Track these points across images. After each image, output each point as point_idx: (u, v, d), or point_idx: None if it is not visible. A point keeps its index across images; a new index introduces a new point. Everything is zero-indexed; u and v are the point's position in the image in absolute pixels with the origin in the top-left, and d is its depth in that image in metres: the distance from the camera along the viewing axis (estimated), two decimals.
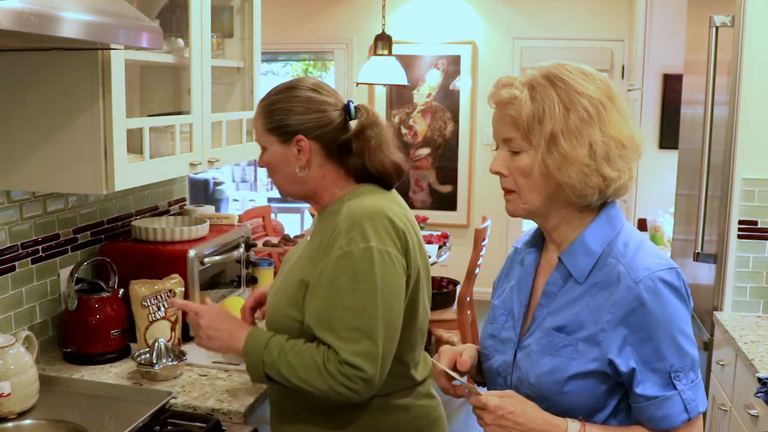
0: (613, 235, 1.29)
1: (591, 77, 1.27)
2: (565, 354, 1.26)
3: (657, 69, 5.00)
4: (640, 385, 1.22)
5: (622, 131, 1.25)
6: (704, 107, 2.65)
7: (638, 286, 1.21)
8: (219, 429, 1.72)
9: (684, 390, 1.21)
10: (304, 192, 1.65)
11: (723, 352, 2.53)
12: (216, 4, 2.32)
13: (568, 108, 1.23)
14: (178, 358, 1.99)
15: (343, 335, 1.48)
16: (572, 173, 1.23)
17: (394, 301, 1.52)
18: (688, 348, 1.23)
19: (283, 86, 1.64)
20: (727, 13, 2.57)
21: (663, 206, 4.57)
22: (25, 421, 1.72)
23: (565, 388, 1.26)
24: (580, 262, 1.28)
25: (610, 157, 1.24)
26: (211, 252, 2.32)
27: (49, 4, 1.29)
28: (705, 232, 2.69)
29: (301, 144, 1.59)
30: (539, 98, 1.25)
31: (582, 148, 1.23)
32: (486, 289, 6.15)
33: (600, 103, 1.24)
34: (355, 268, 1.48)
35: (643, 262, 1.24)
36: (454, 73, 6.09)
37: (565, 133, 1.23)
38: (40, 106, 1.80)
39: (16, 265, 2.01)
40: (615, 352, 1.22)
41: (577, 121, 1.23)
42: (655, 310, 1.20)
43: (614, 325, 1.22)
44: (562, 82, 1.25)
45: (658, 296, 1.21)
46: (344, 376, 1.47)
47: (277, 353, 1.52)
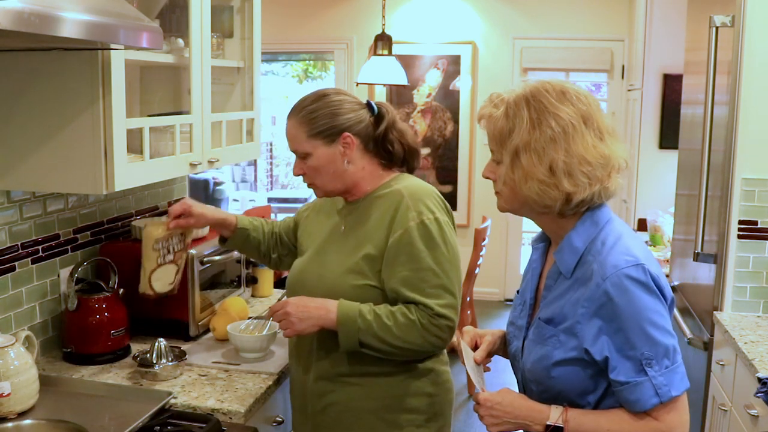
0: (596, 233, 1.39)
1: (568, 98, 1.36)
2: (550, 344, 1.40)
3: (657, 69, 5.00)
4: (614, 371, 1.32)
5: (588, 150, 1.34)
6: (704, 107, 2.65)
7: (605, 283, 1.32)
8: (219, 429, 1.72)
9: (655, 376, 1.30)
10: (345, 186, 1.83)
11: (723, 352, 2.53)
12: (216, 4, 2.32)
13: (534, 126, 1.34)
14: (178, 358, 1.99)
15: (429, 293, 1.72)
16: (532, 186, 1.35)
17: (458, 261, 1.79)
18: (660, 337, 1.31)
19: (313, 96, 1.83)
20: (727, 13, 2.57)
21: (663, 206, 4.57)
22: (25, 421, 1.71)
23: (552, 373, 1.39)
24: (566, 259, 1.40)
25: (571, 173, 1.33)
26: (211, 252, 2.32)
27: (49, 4, 1.29)
28: (705, 232, 2.69)
29: (347, 140, 1.79)
30: (511, 115, 1.37)
31: (541, 165, 1.34)
32: (486, 288, 6.19)
33: (570, 123, 1.33)
34: (429, 235, 1.73)
35: (612, 259, 1.33)
36: (454, 73, 6.09)
37: (527, 150, 1.35)
38: (40, 106, 1.80)
39: (16, 265, 2.01)
40: (589, 342, 1.34)
41: (541, 141, 1.34)
42: (622, 305, 1.31)
43: (588, 318, 1.34)
44: (537, 102, 1.35)
45: (624, 292, 1.31)
46: (437, 327, 1.71)
47: (372, 318, 1.71)
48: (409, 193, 1.78)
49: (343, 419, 1.81)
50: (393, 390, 1.80)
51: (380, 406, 1.80)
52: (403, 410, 1.81)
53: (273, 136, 13.63)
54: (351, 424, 1.81)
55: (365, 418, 1.80)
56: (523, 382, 1.50)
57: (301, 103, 1.83)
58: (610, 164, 1.36)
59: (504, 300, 6.21)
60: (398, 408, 1.81)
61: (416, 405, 1.82)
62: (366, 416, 1.80)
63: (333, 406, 1.82)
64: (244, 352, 2.11)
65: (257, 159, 5.19)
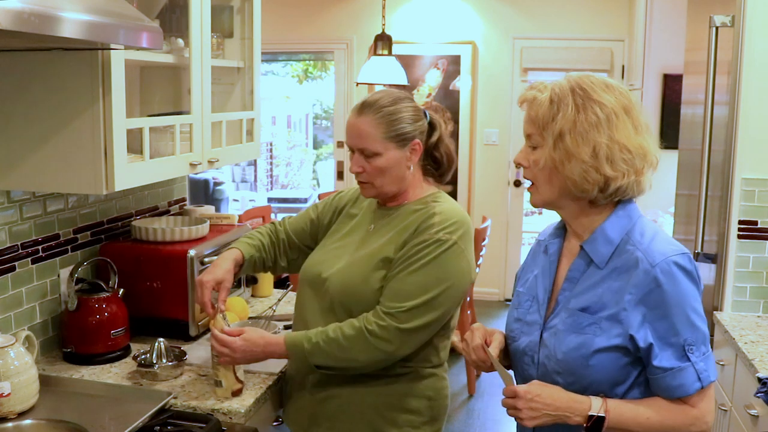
0: (630, 225, 1.43)
1: (611, 90, 1.41)
2: (589, 331, 1.41)
3: (657, 69, 5.00)
4: (657, 358, 1.36)
5: (630, 139, 1.38)
6: (704, 107, 2.65)
7: (655, 269, 1.35)
8: (219, 429, 1.73)
9: (697, 361, 1.36)
10: (399, 190, 1.87)
11: (723, 352, 2.53)
12: (216, 4, 2.32)
13: (579, 111, 1.38)
14: (178, 358, 1.99)
15: (392, 296, 1.74)
16: (574, 168, 1.38)
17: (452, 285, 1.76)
18: (700, 324, 1.37)
19: (392, 98, 1.84)
20: (727, 13, 2.57)
21: (663, 206, 4.57)
22: (25, 421, 1.71)
23: (590, 362, 1.40)
24: (601, 250, 1.43)
25: (613, 159, 1.37)
26: (211, 252, 2.32)
27: (49, 4, 1.29)
28: (705, 232, 2.69)
29: (416, 147, 1.84)
30: (557, 100, 1.40)
31: (585, 147, 1.37)
32: (486, 289, 6.19)
33: (613, 112, 1.38)
34: (438, 252, 1.74)
35: (659, 248, 1.38)
36: (454, 73, 6.09)
37: (571, 133, 1.38)
38: (40, 106, 1.81)
39: (16, 265, 2.01)
40: (635, 328, 1.36)
41: (585, 124, 1.37)
42: (670, 291, 1.35)
43: (634, 305, 1.36)
44: (582, 90, 1.40)
45: (672, 278, 1.35)
46: (383, 328, 1.71)
47: (318, 338, 1.74)
48: (441, 211, 1.81)
49: (342, 411, 1.83)
50: (396, 389, 1.82)
51: (381, 403, 1.82)
52: (403, 410, 1.83)
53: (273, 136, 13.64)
54: (350, 417, 1.83)
55: (365, 412, 1.82)
56: (543, 376, 1.48)
57: (377, 102, 1.82)
58: (647, 156, 1.40)
59: (504, 300, 6.21)
60: (398, 407, 1.83)
61: (416, 407, 1.84)
62: (366, 411, 1.82)
63: (334, 399, 1.83)
64: None
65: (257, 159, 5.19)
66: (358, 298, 1.79)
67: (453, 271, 1.77)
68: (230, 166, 9.52)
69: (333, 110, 6.71)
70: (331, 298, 1.83)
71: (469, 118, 6.08)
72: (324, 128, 15.14)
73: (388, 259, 1.80)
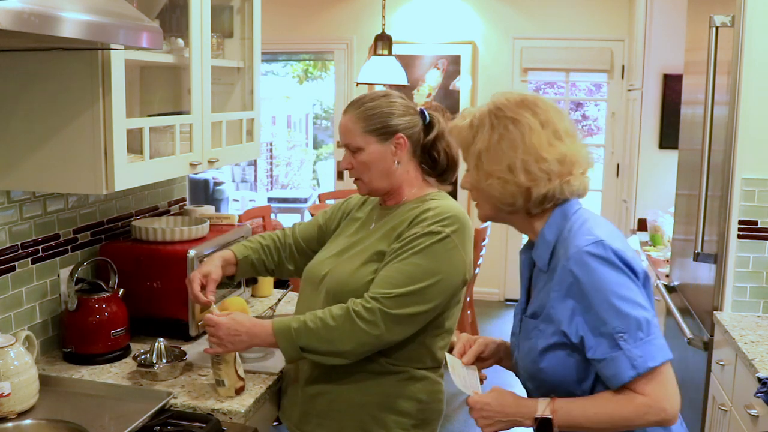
0: (564, 224, 1.47)
1: (526, 104, 1.48)
2: (533, 335, 1.46)
3: (657, 69, 5.00)
4: (591, 350, 1.36)
5: (544, 149, 1.44)
6: (704, 107, 2.65)
7: (569, 263, 1.38)
8: (219, 429, 1.72)
9: (629, 348, 1.32)
10: (390, 186, 1.88)
11: (723, 352, 2.53)
12: (216, 4, 2.32)
13: (494, 131, 1.47)
14: (178, 358, 1.99)
15: (381, 283, 1.74)
16: (492, 183, 1.46)
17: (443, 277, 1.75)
18: (629, 310, 1.34)
19: (374, 94, 1.89)
20: (727, 13, 2.57)
21: (663, 206, 4.57)
22: (25, 421, 1.71)
23: (540, 365, 1.44)
24: (542, 253, 1.48)
25: (528, 169, 1.44)
26: (211, 252, 2.32)
27: (49, 4, 1.29)
28: (705, 232, 2.69)
29: (400, 141, 1.85)
30: (476, 124, 1.50)
31: (500, 165, 1.45)
32: (486, 289, 6.19)
33: (527, 126, 1.45)
34: (428, 243, 1.74)
35: (575, 241, 1.40)
36: (454, 73, 6.09)
37: (488, 152, 1.47)
38: (40, 106, 1.81)
39: (16, 265, 2.01)
40: (565, 323, 1.39)
41: (500, 143, 1.46)
42: (586, 282, 1.36)
43: (561, 300, 1.39)
44: (497, 109, 1.48)
45: (586, 268, 1.36)
46: (368, 310, 1.70)
47: (306, 318, 1.74)
48: (439, 206, 1.82)
49: (332, 409, 1.83)
50: (386, 389, 1.82)
51: (371, 403, 1.82)
52: (392, 411, 1.82)
53: (273, 136, 13.65)
54: (339, 415, 1.83)
55: (354, 411, 1.82)
56: (524, 385, 1.55)
57: (360, 99, 1.89)
58: (568, 161, 1.45)
59: (504, 300, 6.21)
60: (388, 408, 1.82)
61: (406, 408, 1.83)
62: (355, 410, 1.82)
63: (324, 395, 1.84)
64: (244, 353, 2.11)
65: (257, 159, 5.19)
66: (349, 290, 1.79)
67: (444, 265, 1.76)
68: (230, 166, 9.53)
69: (333, 110, 6.71)
70: (326, 293, 1.85)
71: None
72: (324, 128, 15.14)
73: (381, 253, 1.81)
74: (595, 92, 7.38)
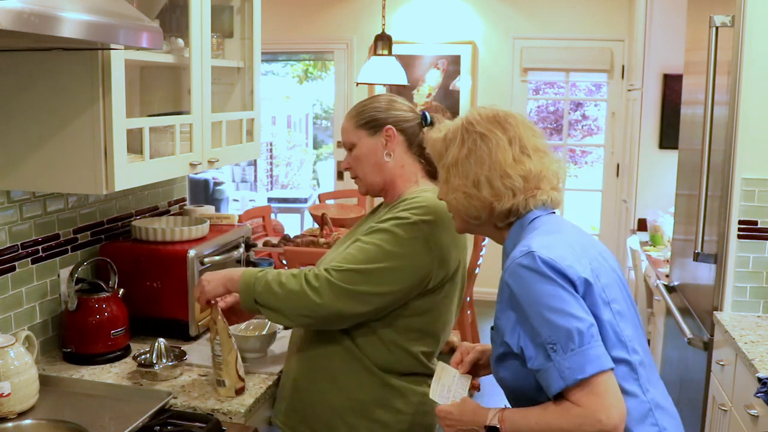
0: (519, 236, 1.49)
1: (498, 120, 1.52)
2: (493, 347, 1.51)
3: (657, 69, 5.00)
4: (530, 360, 1.37)
5: (510, 166, 1.48)
6: (704, 107, 2.65)
7: (505, 275, 1.42)
8: (219, 429, 1.72)
9: (559, 360, 1.31)
10: (383, 181, 1.88)
11: (723, 352, 2.53)
12: (216, 4, 2.32)
13: (463, 146, 1.51)
14: (178, 358, 1.99)
15: (339, 258, 1.74)
16: (458, 198, 1.51)
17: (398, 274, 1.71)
18: (559, 321, 1.33)
19: (369, 97, 1.96)
20: (727, 13, 2.57)
21: (663, 206, 4.57)
22: (25, 421, 1.71)
23: (499, 374, 1.49)
24: (504, 265, 1.49)
25: (492, 185, 1.48)
26: (211, 252, 2.32)
27: (49, 4, 1.29)
28: (705, 232, 2.69)
29: (389, 132, 1.86)
30: (450, 137, 1.55)
31: (467, 180, 1.49)
32: (486, 288, 6.18)
33: (496, 143, 1.48)
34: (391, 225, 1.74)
35: (513, 253, 1.43)
36: (454, 73, 6.09)
37: (455, 166, 1.51)
38: (40, 106, 1.80)
39: (16, 265, 2.01)
40: (507, 334, 1.41)
41: (468, 158, 1.50)
42: (519, 293, 1.38)
43: (503, 311, 1.43)
44: (469, 124, 1.53)
45: (518, 280, 1.39)
46: (316, 277, 1.71)
47: (268, 273, 1.76)
48: (415, 196, 1.80)
49: (311, 407, 1.82)
50: (361, 395, 1.78)
51: (345, 407, 1.79)
52: (366, 418, 1.78)
53: (273, 136, 13.65)
54: (316, 415, 1.82)
55: (329, 413, 1.80)
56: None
57: (359, 101, 1.96)
58: (533, 177, 1.48)
59: None
60: (363, 415, 1.78)
61: (381, 417, 1.78)
62: (330, 411, 1.80)
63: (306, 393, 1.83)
64: (244, 352, 2.11)
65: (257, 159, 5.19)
66: None
67: (405, 251, 1.71)
68: (230, 166, 9.53)
69: (333, 110, 6.71)
70: None
71: None
72: (324, 128, 15.14)
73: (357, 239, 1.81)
74: (595, 92, 7.38)
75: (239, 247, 2.53)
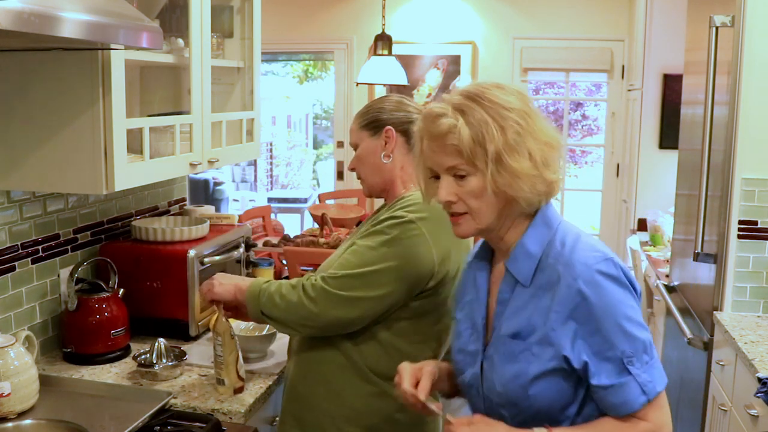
0: (550, 235, 1.33)
1: (507, 90, 1.32)
2: (523, 359, 1.30)
3: (657, 69, 5.00)
4: (595, 376, 1.26)
5: (548, 134, 1.31)
6: (704, 107, 2.65)
7: (577, 282, 1.25)
8: (219, 429, 1.72)
9: (639, 374, 1.25)
10: (383, 181, 1.86)
11: (723, 352, 2.53)
12: (216, 4, 2.32)
13: (502, 126, 1.28)
14: (178, 358, 1.99)
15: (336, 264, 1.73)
16: (523, 186, 1.28)
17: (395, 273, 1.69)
18: (637, 332, 1.26)
19: (380, 97, 1.93)
20: (727, 13, 2.57)
21: (663, 206, 4.57)
22: (25, 421, 1.71)
23: (529, 391, 1.30)
24: (523, 267, 1.33)
25: (547, 161, 1.30)
26: (211, 252, 2.33)
27: (49, 4, 1.29)
28: (705, 232, 2.69)
29: (389, 134, 1.84)
30: (474, 122, 1.28)
31: (525, 160, 1.27)
32: None
33: (525, 113, 1.29)
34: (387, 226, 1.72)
35: (580, 257, 1.28)
36: (454, 73, 6.09)
37: (507, 151, 1.27)
38: (40, 106, 1.80)
39: (16, 265, 2.01)
40: (568, 348, 1.26)
41: (514, 136, 1.27)
42: (597, 302, 1.25)
43: (562, 323, 1.26)
44: (489, 101, 1.29)
45: (597, 288, 1.25)
46: (312, 286, 1.70)
47: (271, 284, 1.76)
48: (411, 195, 1.77)
49: (306, 412, 1.80)
50: (356, 402, 1.75)
51: (340, 415, 1.76)
52: (360, 427, 1.75)
53: (273, 136, 13.65)
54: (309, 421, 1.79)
55: (322, 419, 1.77)
56: (489, 409, 1.38)
57: (370, 101, 1.97)
58: (561, 147, 1.34)
59: None
60: (356, 423, 1.75)
61: (377, 425, 1.75)
62: (323, 418, 1.77)
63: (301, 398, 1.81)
64: (245, 352, 2.11)
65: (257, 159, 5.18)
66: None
67: (402, 251, 1.68)
68: (230, 166, 9.53)
69: (333, 110, 6.71)
70: None
71: None
72: (324, 128, 15.14)
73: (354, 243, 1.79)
74: (595, 92, 7.38)
75: (239, 247, 2.53)
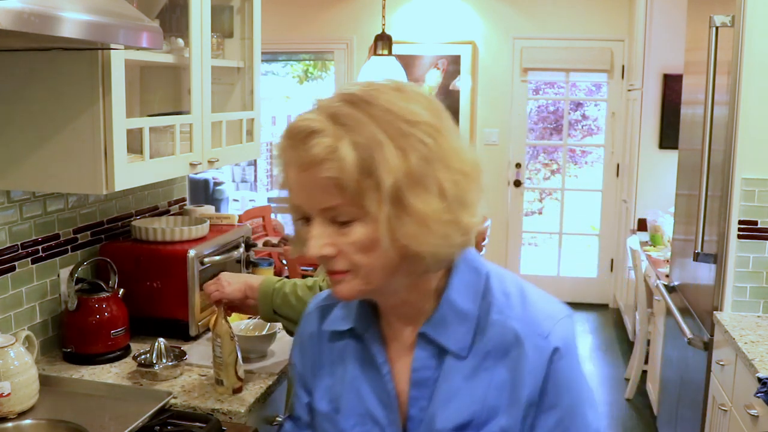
0: (482, 284, 1.01)
1: (409, 95, 0.95)
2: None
3: (657, 69, 5.00)
4: None
5: (463, 157, 0.96)
6: (704, 107, 2.65)
7: (549, 341, 0.97)
8: (219, 429, 1.72)
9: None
10: None
11: (723, 352, 2.53)
12: (216, 4, 2.32)
13: (403, 147, 0.90)
14: (178, 358, 1.99)
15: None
16: (432, 237, 0.91)
17: None
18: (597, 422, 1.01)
19: None
20: (727, 13, 2.57)
21: (663, 206, 4.57)
22: (25, 421, 1.71)
23: None
24: (455, 332, 0.99)
25: (464, 198, 0.94)
26: (211, 252, 2.32)
27: (49, 4, 1.29)
28: (705, 232, 2.69)
29: None
30: (363, 141, 0.89)
31: (433, 198, 0.91)
32: None
33: (434, 128, 0.94)
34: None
35: (542, 309, 1.00)
36: (454, 73, 6.09)
37: (410, 185, 0.90)
38: (40, 106, 1.80)
39: (16, 265, 2.01)
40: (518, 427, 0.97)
41: (419, 163, 0.90)
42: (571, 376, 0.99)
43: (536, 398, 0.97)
44: (384, 110, 0.91)
45: (571, 358, 0.98)
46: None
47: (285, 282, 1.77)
48: None
49: None
50: None
51: None
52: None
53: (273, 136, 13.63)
54: None
55: None
56: None
57: None
58: (480, 173, 0.98)
59: None
60: None
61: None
62: None
63: None
64: (244, 352, 2.11)
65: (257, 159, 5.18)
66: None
67: None
68: (230, 166, 9.52)
69: None
70: None
71: (469, 118, 6.08)
72: None
73: None
74: (595, 92, 7.37)
75: (239, 247, 2.53)
